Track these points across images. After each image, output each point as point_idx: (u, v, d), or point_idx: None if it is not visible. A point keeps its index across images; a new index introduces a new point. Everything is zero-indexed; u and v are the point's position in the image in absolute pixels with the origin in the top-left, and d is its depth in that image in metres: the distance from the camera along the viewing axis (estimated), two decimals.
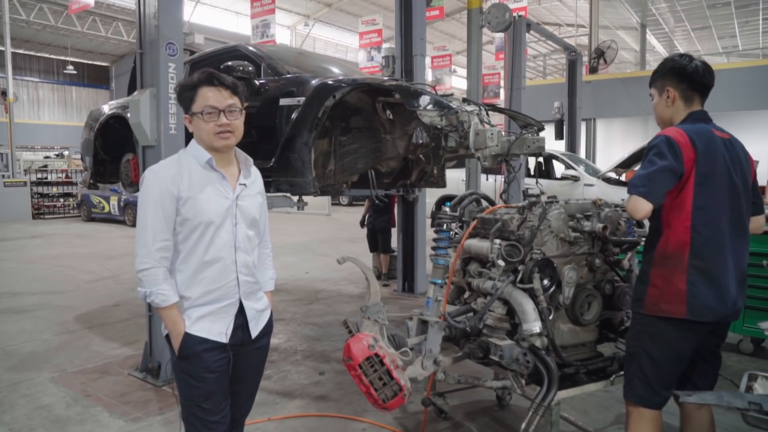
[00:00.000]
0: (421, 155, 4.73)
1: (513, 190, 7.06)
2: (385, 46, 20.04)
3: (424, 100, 3.77)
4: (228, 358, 2.00)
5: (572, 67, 11.21)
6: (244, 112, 2.01)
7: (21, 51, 24.92)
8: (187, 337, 1.93)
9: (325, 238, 12.23)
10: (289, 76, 4.42)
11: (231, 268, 1.98)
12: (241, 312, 2.03)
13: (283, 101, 4.18)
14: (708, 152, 2.12)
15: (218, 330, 1.97)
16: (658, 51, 24.63)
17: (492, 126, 3.70)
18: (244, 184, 2.06)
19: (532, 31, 9.24)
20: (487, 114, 3.95)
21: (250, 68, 4.33)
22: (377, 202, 6.11)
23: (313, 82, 4.15)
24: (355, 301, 6.60)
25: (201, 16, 21.17)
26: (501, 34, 12.19)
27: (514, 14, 8.07)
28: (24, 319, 5.79)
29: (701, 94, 2.27)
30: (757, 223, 2.33)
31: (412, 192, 6.37)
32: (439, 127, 3.76)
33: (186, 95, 1.95)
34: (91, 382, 4.04)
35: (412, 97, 3.85)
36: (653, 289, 2.19)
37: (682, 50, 25.49)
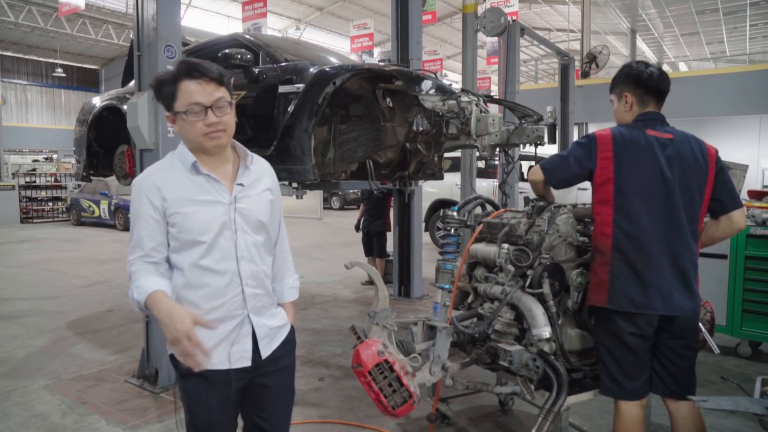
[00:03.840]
0: (419, 145, 4.72)
1: (511, 181, 7.07)
2: (376, 50, 20.10)
3: (426, 84, 3.76)
4: (232, 384, 1.77)
5: (564, 71, 11.24)
6: (234, 104, 1.76)
7: (9, 53, 24.66)
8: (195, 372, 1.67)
9: (318, 243, 12.18)
10: (287, 63, 4.39)
11: (235, 281, 1.74)
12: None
13: (282, 89, 4.14)
14: (629, 152, 2.27)
15: (238, 355, 1.77)
16: (648, 56, 24.84)
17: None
18: (242, 184, 1.79)
19: (525, 36, 9.26)
20: (485, 104, 3.96)
21: (249, 56, 4.30)
22: (375, 192, 6.08)
23: (312, 69, 4.12)
24: (351, 305, 6.56)
25: (192, 20, 21.06)
26: (493, 39, 12.23)
27: (509, 18, 8.08)
28: (15, 325, 5.69)
29: (657, 98, 2.39)
30: (731, 220, 2.37)
31: (409, 184, 6.34)
32: (440, 113, 3.75)
33: (166, 91, 1.69)
34: (86, 390, 3.97)
35: (414, 81, 3.83)
36: (591, 280, 2.43)
37: (671, 55, 25.79)
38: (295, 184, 4.48)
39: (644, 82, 2.36)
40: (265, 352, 1.82)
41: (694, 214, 2.30)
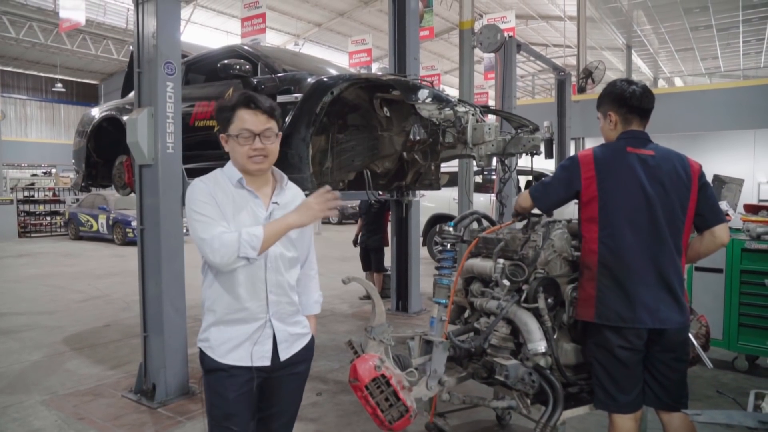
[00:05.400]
0: (416, 154, 4.75)
1: (508, 190, 7.10)
2: (374, 65, 20.24)
3: (423, 93, 3.81)
4: (252, 380, 1.94)
5: (561, 87, 11.32)
6: (280, 135, 1.99)
7: (9, 68, 24.79)
8: (217, 363, 1.91)
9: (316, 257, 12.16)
10: (285, 74, 4.43)
11: (260, 286, 1.93)
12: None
13: (280, 98, 4.18)
14: (610, 170, 2.33)
15: (259, 354, 1.93)
16: (644, 71, 25.08)
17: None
18: (277, 203, 2.02)
19: (521, 52, 9.36)
20: (482, 114, 4.00)
21: (247, 66, 4.35)
22: (373, 202, 6.08)
23: (310, 79, 4.17)
24: (348, 320, 6.56)
25: (191, 35, 21.24)
26: (490, 54, 12.34)
27: (505, 35, 8.18)
28: (12, 340, 5.68)
29: (640, 116, 2.44)
30: (713, 235, 2.41)
31: (406, 195, 6.37)
32: (437, 122, 3.78)
33: (224, 116, 1.94)
34: (83, 405, 3.96)
35: (410, 90, 3.87)
36: (579, 295, 2.46)
37: (666, 71, 26.02)
38: None
39: (627, 101, 2.41)
40: (284, 355, 1.99)
41: (677, 229, 2.35)
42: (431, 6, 15.32)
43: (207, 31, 22.60)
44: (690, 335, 2.54)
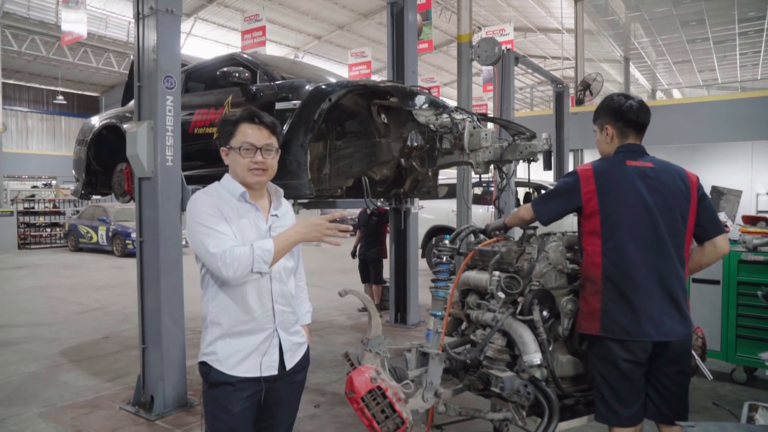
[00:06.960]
0: (414, 161, 4.78)
1: (505, 197, 7.13)
2: (374, 77, 20.38)
3: (420, 99, 3.84)
4: (260, 392, 1.97)
5: (559, 99, 11.41)
6: (279, 151, 2.04)
7: (11, 81, 24.94)
8: (225, 376, 1.93)
9: (315, 269, 12.17)
10: (284, 81, 4.48)
11: (266, 296, 1.97)
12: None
13: (279, 105, 4.22)
14: (611, 184, 2.35)
15: (267, 364, 1.97)
16: (642, 83, 25.23)
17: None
18: (276, 215, 2.08)
19: (520, 64, 9.44)
20: (479, 122, 4.04)
21: (247, 74, 4.40)
22: (369, 210, 6.08)
23: (308, 86, 4.21)
24: (347, 332, 6.55)
25: (191, 48, 21.39)
26: (489, 67, 12.44)
27: (503, 48, 8.24)
28: (10, 352, 5.68)
29: (636, 130, 2.47)
30: (714, 245, 2.43)
31: (405, 202, 6.39)
32: (434, 128, 3.81)
33: (226, 129, 2.00)
34: (81, 417, 3.96)
35: (408, 97, 3.92)
36: (581, 309, 2.47)
37: (664, 83, 26.17)
38: (290, 200, 4.53)
39: (624, 116, 2.44)
40: (289, 364, 2.04)
41: (680, 240, 2.36)
42: (430, 19, 15.46)
43: (207, 44, 22.75)
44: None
